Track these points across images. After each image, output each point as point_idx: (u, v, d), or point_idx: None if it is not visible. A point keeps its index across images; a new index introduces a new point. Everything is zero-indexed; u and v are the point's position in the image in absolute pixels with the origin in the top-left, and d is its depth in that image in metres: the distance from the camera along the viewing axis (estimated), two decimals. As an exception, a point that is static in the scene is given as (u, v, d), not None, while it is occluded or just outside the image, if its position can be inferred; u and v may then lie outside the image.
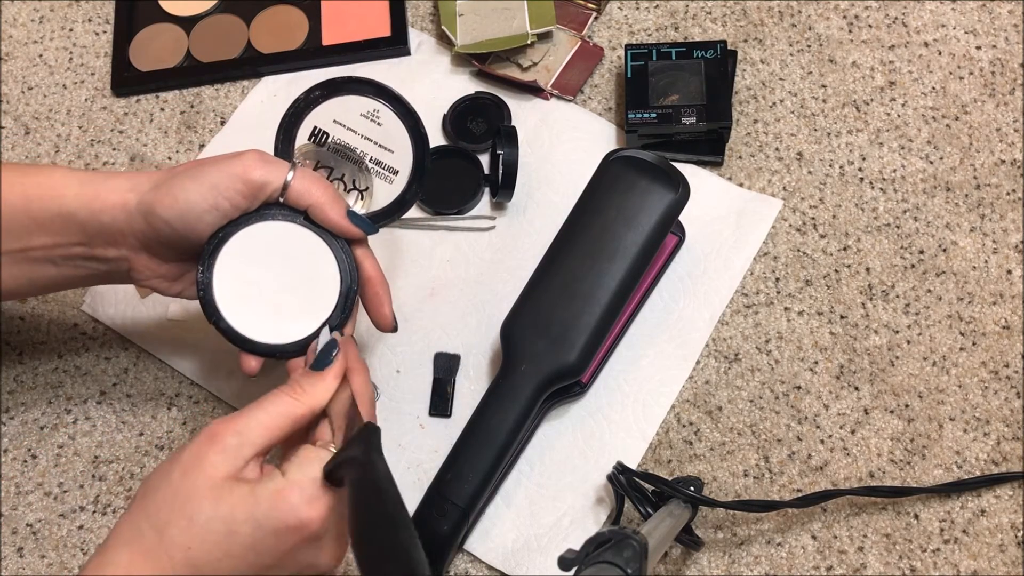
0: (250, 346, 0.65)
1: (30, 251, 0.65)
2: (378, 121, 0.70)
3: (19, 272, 0.66)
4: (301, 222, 0.65)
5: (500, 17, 0.89)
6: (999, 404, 0.76)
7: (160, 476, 0.57)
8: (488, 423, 0.72)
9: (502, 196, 0.83)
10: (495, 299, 0.81)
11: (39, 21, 0.96)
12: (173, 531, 0.54)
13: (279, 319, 0.65)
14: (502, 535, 0.74)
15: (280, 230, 0.65)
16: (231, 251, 0.64)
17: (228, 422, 0.57)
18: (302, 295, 0.65)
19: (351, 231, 0.65)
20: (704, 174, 0.84)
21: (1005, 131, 0.85)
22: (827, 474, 0.75)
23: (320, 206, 0.64)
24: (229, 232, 0.64)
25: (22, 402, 0.80)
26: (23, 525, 0.76)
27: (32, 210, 0.64)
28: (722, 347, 0.79)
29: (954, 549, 0.72)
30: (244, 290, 0.65)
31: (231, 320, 0.65)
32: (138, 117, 0.90)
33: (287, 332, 0.65)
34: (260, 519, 0.55)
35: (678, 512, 0.68)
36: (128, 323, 0.82)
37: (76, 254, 0.66)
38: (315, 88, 0.69)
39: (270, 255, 0.65)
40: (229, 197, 0.63)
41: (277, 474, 0.57)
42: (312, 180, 0.64)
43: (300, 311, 0.65)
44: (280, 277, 0.65)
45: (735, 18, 0.90)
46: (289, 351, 0.65)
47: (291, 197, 0.64)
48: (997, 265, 0.80)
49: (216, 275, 0.64)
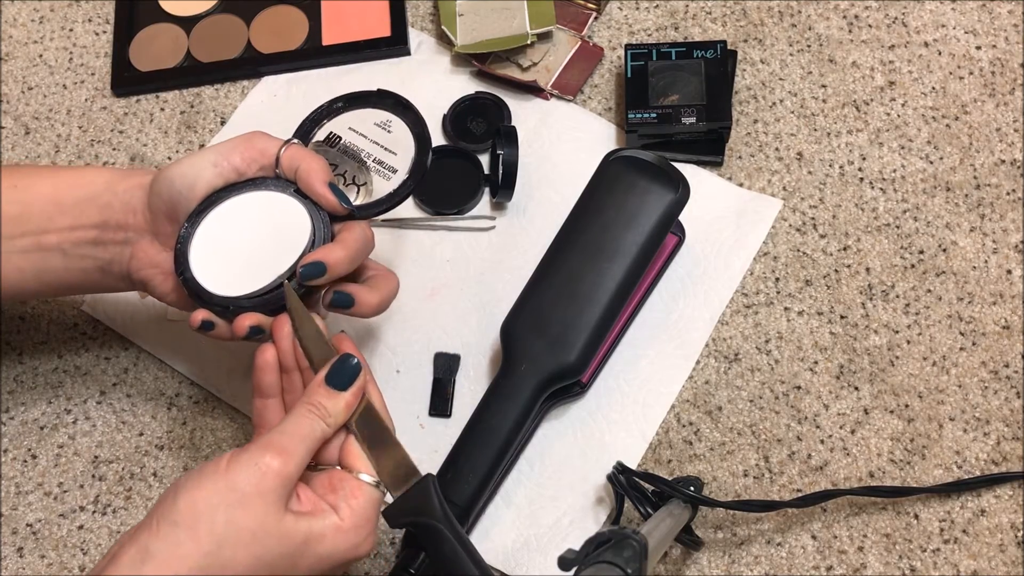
0: (205, 297, 0.65)
1: (46, 235, 0.67)
2: (389, 129, 0.73)
3: (28, 264, 0.67)
4: (291, 193, 0.67)
5: (500, 17, 0.89)
6: (999, 404, 0.76)
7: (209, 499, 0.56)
8: (488, 423, 0.72)
9: (502, 196, 0.83)
10: (495, 299, 0.81)
11: (39, 21, 0.96)
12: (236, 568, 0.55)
13: (241, 277, 0.65)
14: (502, 535, 0.74)
15: (269, 199, 0.67)
16: (218, 214, 0.66)
17: (277, 449, 0.57)
18: (270, 257, 0.65)
19: (329, 199, 0.66)
20: (704, 174, 0.84)
21: (1005, 131, 0.85)
22: (827, 474, 0.75)
23: (305, 172, 0.66)
24: (221, 197, 0.66)
25: (22, 402, 0.81)
26: (23, 525, 0.76)
27: (59, 197, 0.67)
28: (722, 347, 0.79)
29: (954, 549, 0.72)
30: (219, 250, 0.66)
31: (196, 273, 0.65)
32: (138, 117, 0.91)
33: (244, 287, 0.65)
34: (324, 555, 0.58)
35: (678, 512, 0.68)
36: (128, 323, 0.82)
37: (88, 239, 0.67)
38: (337, 100, 0.71)
39: (254, 221, 0.66)
40: (227, 156, 0.66)
41: (330, 514, 0.58)
42: (304, 151, 0.67)
43: (262, 269, 0.65)
44: (256, 241, 0.66)
45: (735, 18, 0.90)
46: (241, 305, 0.64)
47: (283, 164, 0.66)
48: (997, 265, 0.80)
49: (198, 233, 0.66)
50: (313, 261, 0.64)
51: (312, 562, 0.57)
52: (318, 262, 0.64)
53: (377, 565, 0.74)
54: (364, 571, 0.74)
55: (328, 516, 0.58)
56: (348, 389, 0.61)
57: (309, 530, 0.57)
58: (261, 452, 0.57)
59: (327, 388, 0.60)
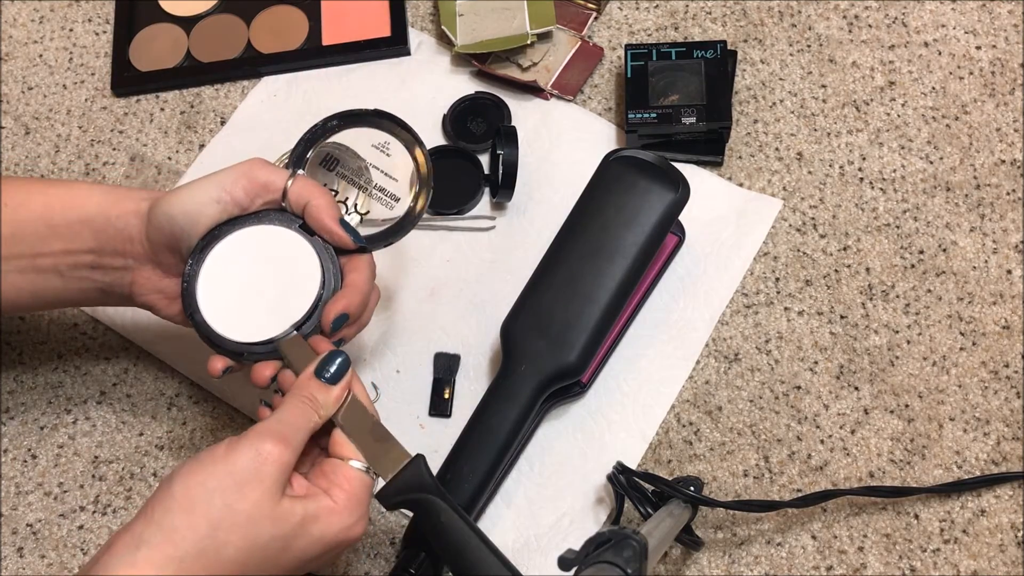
0: (219, 342, 0.65)
1: (40, 258, 0.66)
2: (387, 152, 0.73)
3: (25, 282, 0.67)
4: (296, 229, 0.66)
5: (500, 17, 0.89)
6: (999, 404, 0.76)
7: (206, 483, 0.57)
8: (488, 423, 0.72)
9: (502, 196, 0.83)
10: (495, 299, 0.81)
11: (39, 21, 0.96)
12: (230, 550, 0.56)
13: (253, 320, 0.65)
14: (502, 535, 0.74)
15: (274, 234, 0.66)
16: (223, 249, 0.65)
17: (277, 436, 0.58)
18: (280, 299, 0.65)
19: (340, 237, 0.66)
20: (704, 174, 0.84)
21: (1005, 131, 0.85)
22: (827, 474, 0.75)
23: (315, 208, 0.65)
24: (224, 231, 0.65)
25: (22, 402, 0.81)
26: (23, 525, 0.76)
27: (51, 217, 0.66)
28: (722, 347, 0.79)
29: (954, 549, 0.72)
30: (227, 288, 0.65)
31: (207, 315, 0.65)
32: (138, 117, 0.91)
33: (257, 333, 0.65)
34: (316, 536, 0.58)
35: (678, 512, 0.68)
36: (128, 323, 0.82)
37: (84, 263, 0.67)
38: (332, 118, 0.70)
39: (260, 258, 0.66)
40: (230, 190, 0.64)
41: (323, 496, 0.59)
42: (312, 185, 0.66)
43: (274, 314, 0.65)
44: (264, 280, 0.66)
45: (735, 18, 0.90)
46: (255, 352, 0.65)
47: (291, 199, 0.66)
48: (997, 265, 0.80)
49: (203, 270, 0.65)
50: (338, 315, 0.65)
51: (305, 544, 0.58)
52: (342, 315, 0.65)
53: (377, 565, 0.74)
54: (364, 571, 0.74)
55: (321, 498, 0.59)
56: (338, 383, 0.62)
57: (304, 511, 0.58)
58: (260, 439, 0.58)
59: (318, 381, 0.62)
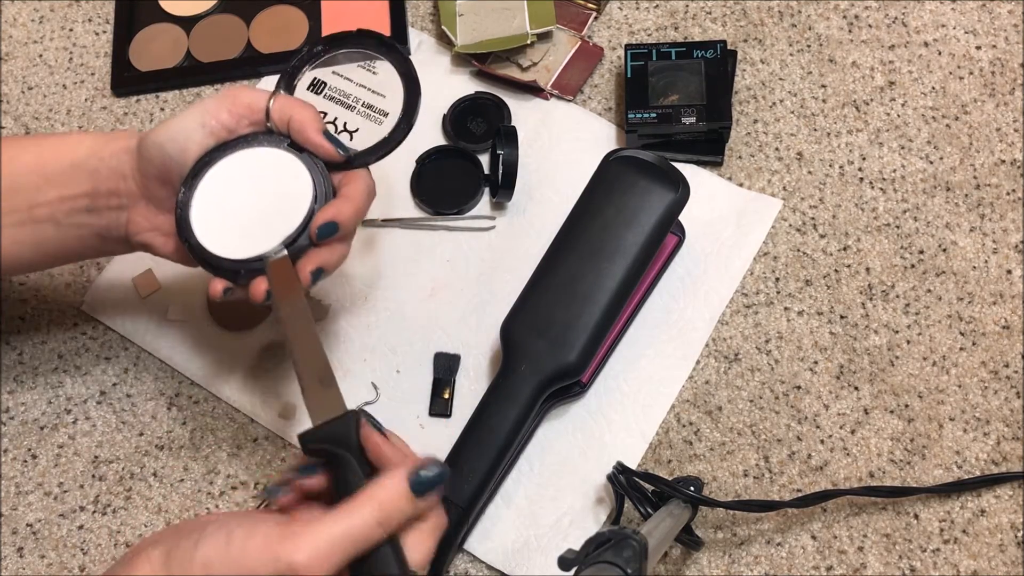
0: (215, 263, 0.65)
1: (37, 208, 0.67)
2: (374, 70, 0.74)
3: (25, 235, 0.67)
4: (285, 148, 0.67)
5: (500, 17, 0.89)
6: (999, 404, 0.76)
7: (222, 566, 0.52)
8: (488, 423, 0.72)
9: (502, 196, 0.83)
10: (495, 299, 0.81)
11: (39, 21, 0.96)
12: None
13: (248, 239, 0.65)
14: (502, 535, 0.74)
15: (264, 156, 0.66)
16: (214, 175, 0.66)
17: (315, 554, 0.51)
18: (274, 216, 0.65)
19: (326, 148, 0.66)
20: (704, 174, 0.84)
21: (1005, 131, 0.85)
22: (827, 474, 0.75)
23: (298, 122, 0.66)
24: (215, 157, 0.66)
25: (22, 402, 0.81)
26: (23, 525, 0.76)
27: (44, 166, 0.66)
28: (722, 347, 0.79)
29: (954, 549, 0.72)
30: (220, 211, 0.66)
31: (202, 239, 0.65)
32: (138, 117, 0.90)
33: (252, 250, 0.65)
34: None
35: (678, 512, 0.68)
36: (128, 323, 0.82)
37: (80, 207, 0.67)
38: (317, 43, 0.70)
39: (251, 179, 0.66)
40: (215, 114, 0.65)
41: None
42: (293, 101, 0.67)
43: (269, 231, 0.65)
44: (257, 200, 0.66)
45: (735, 18, 0.90)
46: (251, 268, 0.64)
47: (274, 118, 0.66)
48: (997, 265, 0.80)
49: (196, 196, 0.66)
50: (326, 222, 0.63)
51: None
52: (331, 222, 0.63)
53: (377, 565, 0.74)
54: (364, 571, 0.74)
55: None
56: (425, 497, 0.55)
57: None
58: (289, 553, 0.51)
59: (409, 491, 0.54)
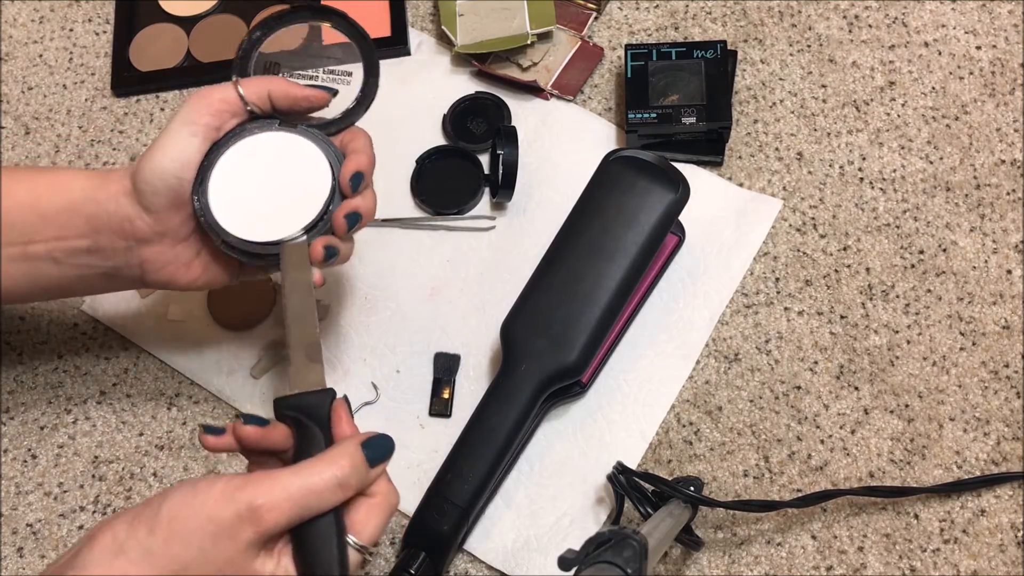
0: (258, 251, 0.65)
1: (32, 245, 0.66)
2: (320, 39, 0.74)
3: (19, 272, 0.66)
4: (277, 128, 0.67)
5: (500, 17, 0.89)
6: (999, 404, 0.76)
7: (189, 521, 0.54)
8: (488, 423, 0.72)
9: (502, 196, 0.83)
10: (495, 299, 0.81)
11: (39, 21, 0.96)
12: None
13: (279, 220, 0.65)
14: (502, 535, 0.74)
15: (262, 141, 0.67)
16: (220, 174, 0.66)
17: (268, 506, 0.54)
18: (297, 191, 0.66)
19: (316, 95, 0.67)
20: (704, 174, 0.84)
21: (1005, 131, 0.85)
22: (827, 474, 0.75)
23: (278, 90, 0.66)
24: (213, 158, 0.66)
25: (22, 402, 0.81)
26: (23, 525, 0.76)
27: (39, 205, 0.66)
28: (722, 347, 0.79)
29: (954, 549, 0.72)
30: (242, 204, 0.66)
31: (238, 233, 0.65)
32: (138, 117, 0.91)
33: (290, 228, 0.65)
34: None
35: (678, 512, 0.68)
36: (128, 323, 0.82)
37: (80, 248, 0.66)
38: (255, 29, 0.70)
39: (259, 166, 0.66)
40: (199, 119, 0.65)
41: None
42: (260, 78, 0.68)
43: (299, 205, 0.66)
44: (273, 184, 0.66)
45: (735, 18, 0.90)
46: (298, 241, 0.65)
47: (252, 99, 0.66)
48: (997, 265, 0.80)
49: (212, 198, 0.65)
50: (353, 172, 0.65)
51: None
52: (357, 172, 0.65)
53: (377, 565, 0.74)
54: (365, 572, 0.74)
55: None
56: (376, 467, 0.58)
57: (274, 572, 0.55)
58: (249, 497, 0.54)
59: (364, 458, 0.57)
